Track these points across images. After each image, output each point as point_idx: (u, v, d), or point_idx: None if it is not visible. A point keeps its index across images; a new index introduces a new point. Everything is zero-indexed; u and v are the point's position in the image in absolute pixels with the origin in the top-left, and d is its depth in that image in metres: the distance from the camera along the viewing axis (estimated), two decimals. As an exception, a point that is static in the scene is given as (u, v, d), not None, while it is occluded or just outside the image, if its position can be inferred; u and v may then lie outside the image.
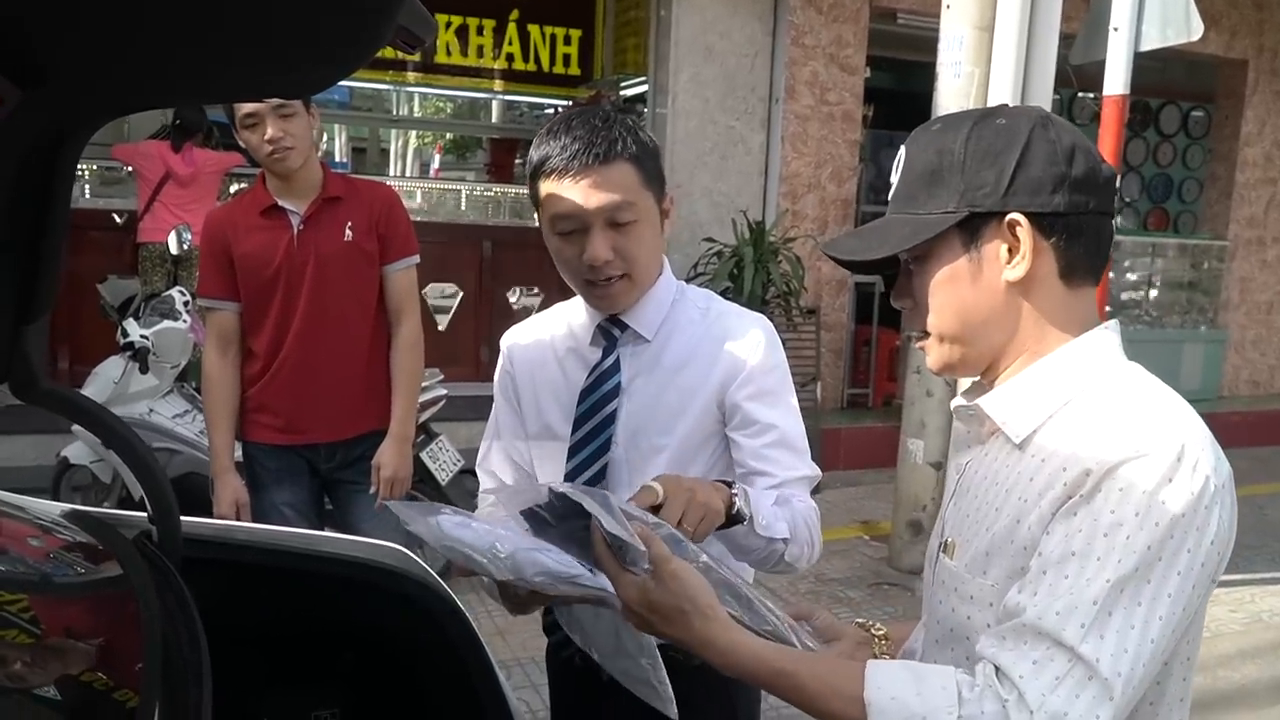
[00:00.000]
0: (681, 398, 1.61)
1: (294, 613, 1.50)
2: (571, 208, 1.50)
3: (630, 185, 1.50)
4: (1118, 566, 0.96)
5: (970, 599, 1.10)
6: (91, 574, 1.26)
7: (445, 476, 4.11)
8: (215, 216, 2.85)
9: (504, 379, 1.78)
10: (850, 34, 7.41)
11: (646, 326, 1.63)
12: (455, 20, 7.59)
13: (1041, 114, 1.12)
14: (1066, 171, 1.07)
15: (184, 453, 4.28)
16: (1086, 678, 0.95)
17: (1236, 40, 8.74)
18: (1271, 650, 4.25)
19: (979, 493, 1.15)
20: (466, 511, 1.33)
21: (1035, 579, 1.00)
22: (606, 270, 1.53)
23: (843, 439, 6.84)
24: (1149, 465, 0.97)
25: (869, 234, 1.20)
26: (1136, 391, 1.08)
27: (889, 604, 4.56)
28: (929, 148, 1.13)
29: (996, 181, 1.08)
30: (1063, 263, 1.10)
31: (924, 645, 1.23)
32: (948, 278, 1.13)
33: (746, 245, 6.54)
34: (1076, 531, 0.98)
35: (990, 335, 1.13)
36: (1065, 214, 1.08)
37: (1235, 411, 8.75)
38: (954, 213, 1.10)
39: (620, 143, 1.49)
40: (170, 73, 0.93)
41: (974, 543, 1.11)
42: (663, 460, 1.61)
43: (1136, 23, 4.04)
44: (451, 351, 6.52)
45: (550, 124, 1.55)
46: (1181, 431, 1.01)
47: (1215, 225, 9.28)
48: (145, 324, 4.30)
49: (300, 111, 2.67)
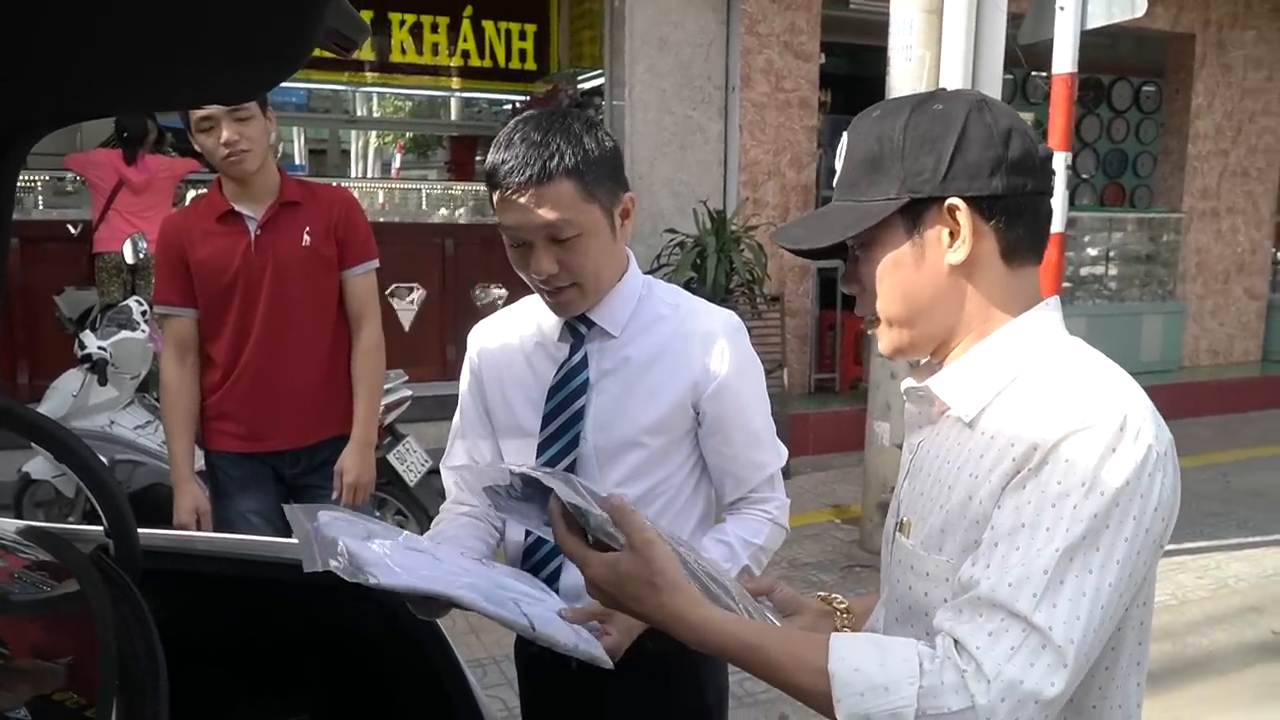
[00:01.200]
0: (652, 394, 1.63)
1: (260, 621, 1.50)
2: (514, 222, 1.51)
3: (569, 201, 1.49)
4: (1066, 535, 0.98)
5: (926, 575, 1.12)
6: (50, 591, 1.25)
7: (413, 477, 4.09)
8: (170, 222, 2.82)
9: (470, 375, 1.78)
10: (803, 21, 7.44)
11: (613, 323, 1.64)
12: (409, 18, 7.55)
13: (977, 97, 1.13)
14: (1003, 154, 1.09)
15: (147, 464, 4.24)
16: (1040, 646, 0.97)
17: (1183, 14, 8.86)
18: (1239, 615, 4.33)
19: (931, 471, 1.16)
20: (364, 516, 1.32)
21: (987, 551, 1.02)
22: (553, 282, 1.55)
23: (811, 424, 6.88)
24: (1093, 436, 1.00)
25: (815, 221, 1.21)
26: (1079, 366, 1.10)
27: (861, 585, 4.60)
28: (869, 135, 1.14)
29: (935, 167, 1.09)
30: (1003, 244, 1.12)
31: (885, 623, 1.24)
32: (892, 263, 1.14)
33: (709, 235, 6.55)
34: (1025, 503, 1.01)
35: (936, 317, 1.15)
36: (1004, 196, 1.10)
37: (1196, 381, 8.89)
38: (895, 199, 1.11)
39: (556, 158, 1.48)
40: (108, 82, 0.93)
41: (928, 520, 1.13)
42: (635, 455, 1.63)
43: (1082, 1, 4.09)
44: (417, 351, 6.49)
45: (503, 131, 1.55)
46: (1123, 402, 1.03)
47: (1170, 198, 9.41)
48: (103, 335, 4.26)
49: (256, 114, 2.64)
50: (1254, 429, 8.06)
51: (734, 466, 1.70)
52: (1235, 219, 9.52)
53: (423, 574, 1.19)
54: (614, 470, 1.64)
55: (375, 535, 1.24)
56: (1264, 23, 9.26)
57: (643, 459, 1.63)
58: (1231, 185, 9.43)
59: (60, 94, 0.96)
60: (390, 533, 1.29)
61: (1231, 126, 9.32)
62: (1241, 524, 5.56)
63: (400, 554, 1.20)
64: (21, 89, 0.91)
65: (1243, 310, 9.75)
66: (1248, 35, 9.20)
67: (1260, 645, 4.07)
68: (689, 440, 1.68)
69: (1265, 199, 9.65)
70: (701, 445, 1.69)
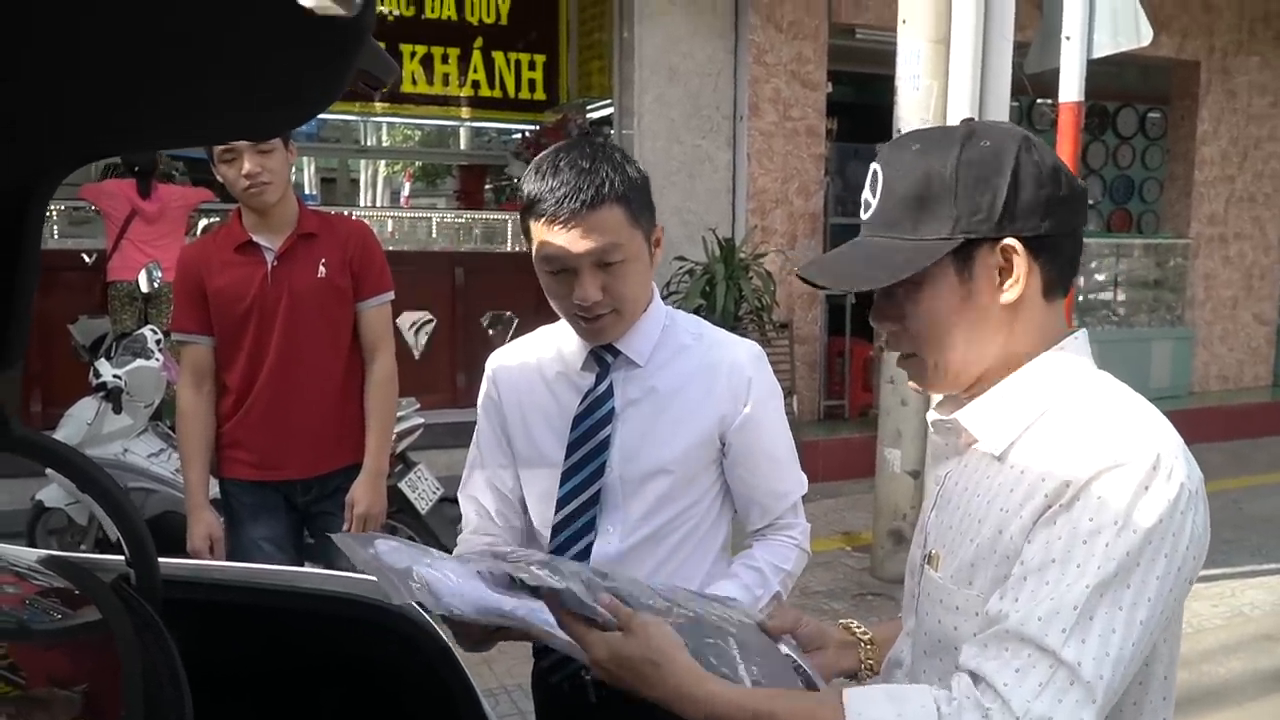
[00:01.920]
0: (678, 424, 1.64)
1: (277, 650, 1.50)
2: (560, 251, 1.51)
3: (618, 227, 1.51)
4: (1098, 572, 0.98)
5: (956, 610, 1.11)
6: (71, 620, 1.26)
7: (425, 505, 4.10)
8: (190, 251, 2.85)
9: (489, 403, 1.77)
10: (810, 50, 7.49)
11: (639, 353, 1.65)
12: (420, 50, 7.63)
13: (1023, 135, 1.12)
14: (1055, 193, 1.09)
15: (160, 491, 4.25)
16: (1069, 682, 0.96)
17: (1188, 42, 8.90)
18: (1254, 644, 4.29)
19: (960, 504, 1.16)
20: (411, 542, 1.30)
21: (1016, 585, 1.02)
22: (595, 310, 1.55)
23: (821, 451, 6.87)
24: (1126, 474, 0.99)
25: (855, 260, 1.18)
26: (1110, 402, 1.10)
27: (873, 614, 4.58)
28: (913, 171, 1.12)
29: (991, 207, 1.08)
30: (1046, 281, 1.13)
31: (913, 656, 1.23)
32: (941, 303, 1.13)
33: (717, 262, 6.58)
34: (1056, 539, 1.00)
35: (981, 356, 1.14)
36: (1052, 235, 1.10)
37: (1207, 407, 8.86)
38: (950, 239, 1.10)
39: (607, 184, 1.50)
40: (135, 119, 0.95)
41: (958, 554, 1.12)
42: (660, 485, 1.64)
43: (1088, 31, 4.12)
44: (427, 379, 6.52)
45: (540, 161, 1.56)
46: (1156, 441, 1.03)
47: (1177, 224, 9.41)
48: (118, 363, 4.28)
49: (278, 147, 2.67)
50: (1265, 454, 8.01)
51: (760, 495, 1.72)
52: (1243, 244, 9.51)
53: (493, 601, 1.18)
54: (638, 500, 1.64)
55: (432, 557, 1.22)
56: (1268, 49, 9.29)
57: (667, 488, 1.64)
58: (1239, 211, 9.43)
59: (89, 133, 0.98)
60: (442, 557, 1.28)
61: (1237, 152, 9.34)
62: (1255, 551, 5.52)
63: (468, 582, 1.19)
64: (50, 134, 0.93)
65: (1252, 335, 9.72)
66: (1252, 62, 9.23)
67: (1276, 673, 4.03)
68: (713, 469, 1.69)
69: (1273, 224, 9.65)
70: (727, 474, 1.70)
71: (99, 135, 0.99)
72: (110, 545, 4.04)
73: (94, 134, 0.98)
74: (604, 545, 1.64)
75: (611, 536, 1.65)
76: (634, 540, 1.65)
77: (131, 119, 0.93)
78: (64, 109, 0.88)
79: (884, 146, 1.19)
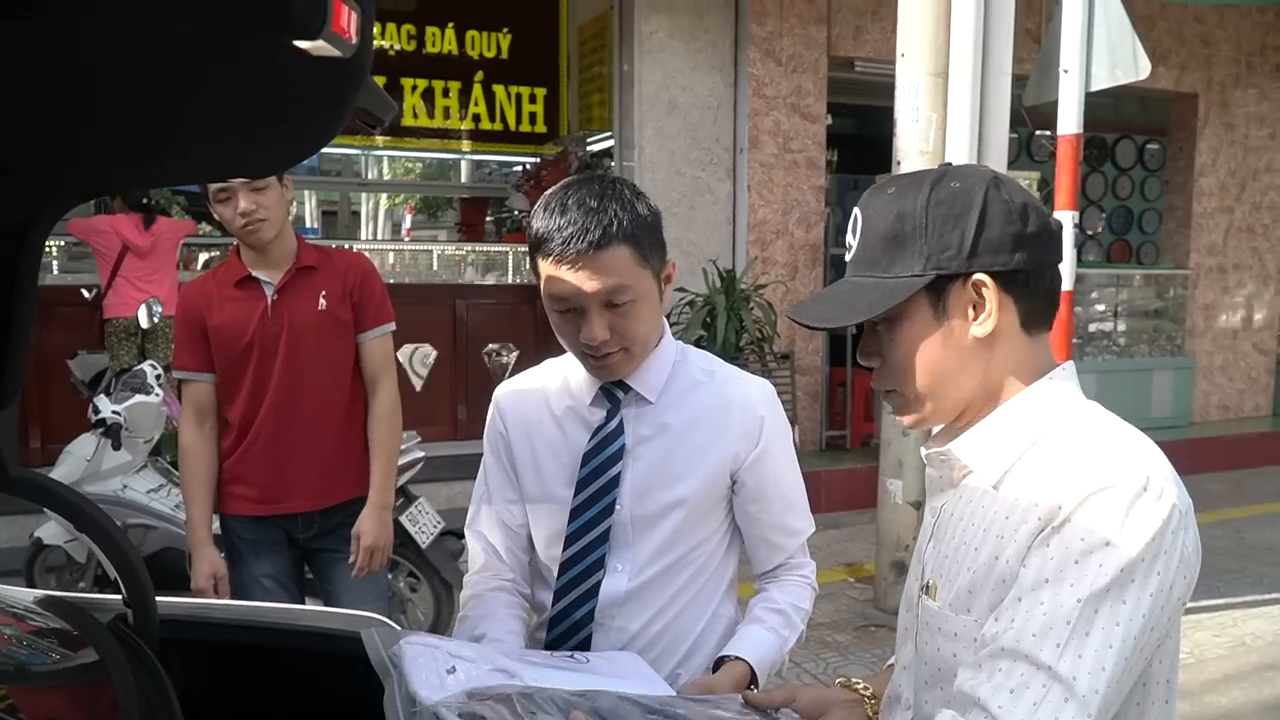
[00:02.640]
0: (690, 460, 1.63)
1: (276, 689, 1.49)
2: (568, 291, 1.49)
3: (626, 268, 1.49)
4: (1091, 588, 0.99)
5: (955, 636, 1.13)
6: (68, 661, 1.25)
7: (426, 539, 4.07)
8: (190, 289, 2.85)
9: (496, 438, 1.75)
10: (810, 83, 7.54)
11: (650, 389, 1.64)
12: (421, 83, 7.68)
13: (991, 175, 1.16)
14: (1022, 230, 1.12)
15: (159, 528, 4.23)
16: (1063, 699, 0.97)
17: (1186, 75, 8.96)
18: (1256, 673, 4.26)
19: (956, 534, 1.17)
20: (435, 637, 1.26)
21: (1010, 606, 1.04)
22: (603, 349, 1.54)
23: (823, 481, 6.85)
24: (1117, 495, 1.02)
25: (835, 299, 1.22)
26: (1099, 429, 1.12)
27: (876, 646, 4.55)
28: (887, 212, 1.16)
29: (960, 244, 1.12)
30: (1023, 314, 1.16)
31: (914, 688, 1.23)
32: (917, 337, 1.16)
33: (718, 294, 6.59)
34: (1049, 559, 1.02)
35: (960, 388, 1.18)
36: (1024, 270, 1.13)
37: (1208, 437, 8.84)
38: (921, 276, 1.14)
39: (615, 224, 1.47)
40: (134, 157, 0.95)
41: (955, 582, 1.14)
42: (672, 521, 1.63)
43: (1086, 64, 4.15)
44: (429, 412, 6.51)
45: (548, 198, 1.53)
46: (1145, 464, 1.05)
47: (1176, 255, 9.44)
48: (117, 399, 4.27)
49: (273, 184, 2.67)
50: (1267, 484, 7.99)
51: (772, 534, 1.72)
52: (1242, 275, 9.54)
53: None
54: (649, 538, 1.63)
55: (459, 661, 1.18)
56: (1266, 81, 9.36)
57: (678, 525, 1.63)
58: (1238, 242, 9.46)
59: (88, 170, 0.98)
60: (474, 654, 1.23)
61: (1236, 184, 9.38)
62: (1257, 580, 5.49)
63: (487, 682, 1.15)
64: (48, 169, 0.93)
65: (1252, 365, 9.72)
66: (1250, 94, 9.30)
67: (1278, 703, 4.00)
68: (723, 506, 1.68)
69: (1271, 255, 9.68)
70: (737, 512, 1.70)
71: (98, 172, 0.99)
72: (109, 583, 4.01)
73: (93, 171, 0.98)
74: (613, 583, 1.63)
75: (621, 575, 1.63)
76: (643, 578, 1.64)
77: (130, 157, 0.93)
78: (63, 145, 0.88)
79: (865, 192, 1.23)
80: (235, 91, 0.74)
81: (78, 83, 0.73)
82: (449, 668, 1.14)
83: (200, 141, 0.89)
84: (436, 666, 1.14)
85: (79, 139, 0.86)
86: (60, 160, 0.92)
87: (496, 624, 1.62)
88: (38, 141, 0.86)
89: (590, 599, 1.63)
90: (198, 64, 0.69)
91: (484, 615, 1.65)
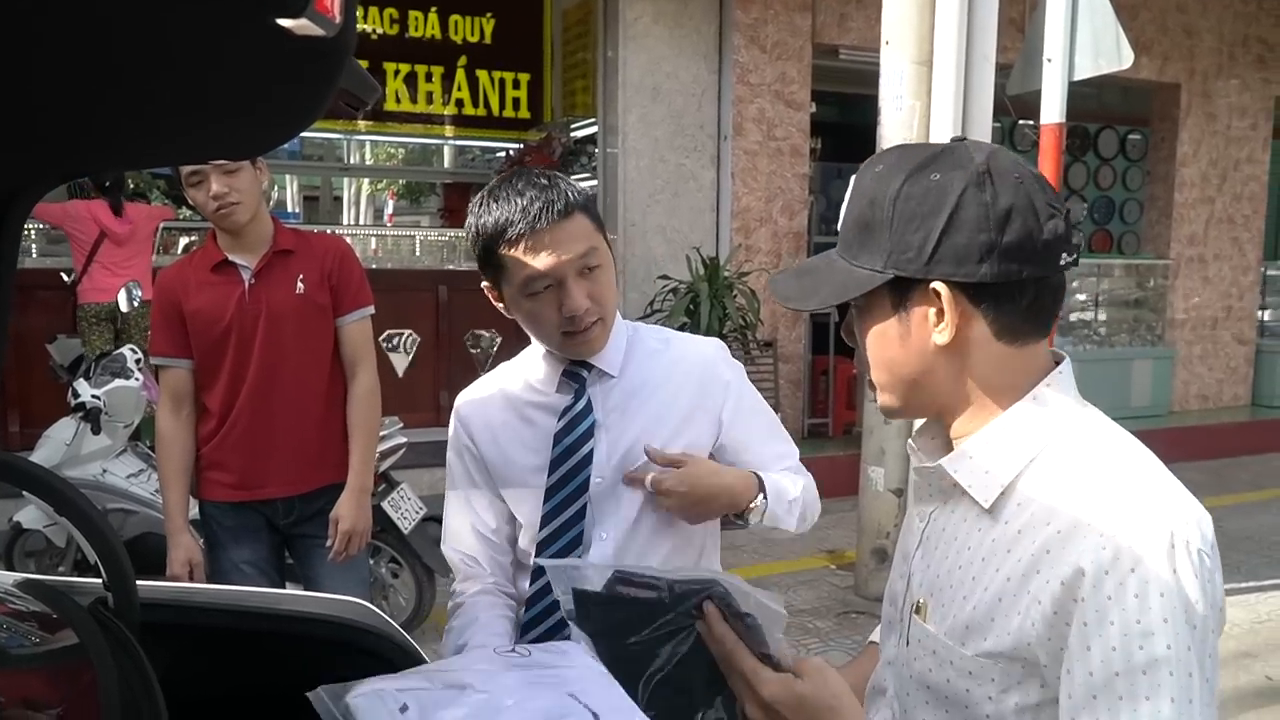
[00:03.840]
0: (659, 422, 1.66)
1: (256, 673, 1.48)
2: (546, 265, 1.52)
3: (589, 233, 1.56)
4: (1172, 680, 0.95)
5: (950, 665, 1.08)
6: (47, 644, 1.24)
7: (408, 525, 4.07)
8: (167, 275, 2.83)
9: (461, 449, 1.74)
10: (794, 71, 7.54)
11: (611, 364, 1.67)
12: (404, 68, 7.64)
13: (978, 171, 1.05)
14: (995, 240, 1.02)
15: (139, 513, 4.21)
16: None
17: (1169, 65, 9.00)
18: (1233, 661, 4.30)
19: (950, 554, 1.12)
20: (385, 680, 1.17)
21: (1088, 706, 0.98)
22: (586, 319, 1.56)
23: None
24: (1153, 565, 0.96)
25: (806, 278, 1.18)
26: (1105, 457, 1.06)
27: (857, 632, 4.57)
28: (865, 194, 1.10)
29: (920, 247, 1.04)
30: (996, 326, 1.07)
31: (898, 693, 1.20)
32: (878, 333, 1.12)
33: (701, 281, 6.60)
34: (1111, 650, 0.96)
35: (926, 391, 1.13)
36: (991, 284, 1.04)
37: (1187, 426, 8.92)
38: (880, 273, 1.08)
39: (571, 195, 1.55)
40: (113, 139, 0.94)
41: (952, 611, 1.09)
42: (643, 492, 1.64)
43: (1069, 53, 4.16)
44: (410, 398, 6.49)
45: (491, 190, 1.59)
46: (1166, 510, 1.00)
47: (1157, 245, 9.49)
48: (96, 384, 4.24)
49: (246, 167, 2.65)
50: (1245, 473, 8.07)
51: (762, 461, 1.75)
52: (1222, 265, 9.60)
53: None
54: (629, 500, 1.65)
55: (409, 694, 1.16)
56: (1248, 72, 9.41)
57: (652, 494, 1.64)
58: (1218, 232, 9.52)
59: (64, 153, 0.97)
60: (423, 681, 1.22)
61: (1217, 174, 9.44)
62: (1235, 569, 5.54)
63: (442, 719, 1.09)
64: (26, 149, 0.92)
65: (1231, 355, 9.80)
66: (1232, 84, 9.34)
67: (1255, 691, 4.05)
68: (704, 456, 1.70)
69: (1251, 245, 9.74)
70: (726, 458, 1.72)
71: (76, 154, 0.98)
72: (89, 567, 3.99)
73: (71, 152, 0.97)
74: (600, 550, 1.65)
75: (606, 543, 1.65)
76: (628, 542, 1.65)
77: (109, 138, 0.92)
78: (41, 126, 0.87)
79: (866, 161, 1.16)
80: (217, 72, 0.73)
81: (56, 62, 0.72)
82: (400, 706, 1.13)
83: (182, 123, 0.88)
84: (389, 710, 1.12)
85: (57, 119, 0.85)
86: (38, 140, 0.91)
87: (479, 630, 1.62)
88: (14, 121, 0.85)
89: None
90: (178, 43, 0.68)
91: (467, 624, 1.65)
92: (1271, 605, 5.01)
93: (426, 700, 1.12)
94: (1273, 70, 9.50)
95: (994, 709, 1.06)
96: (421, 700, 1.12)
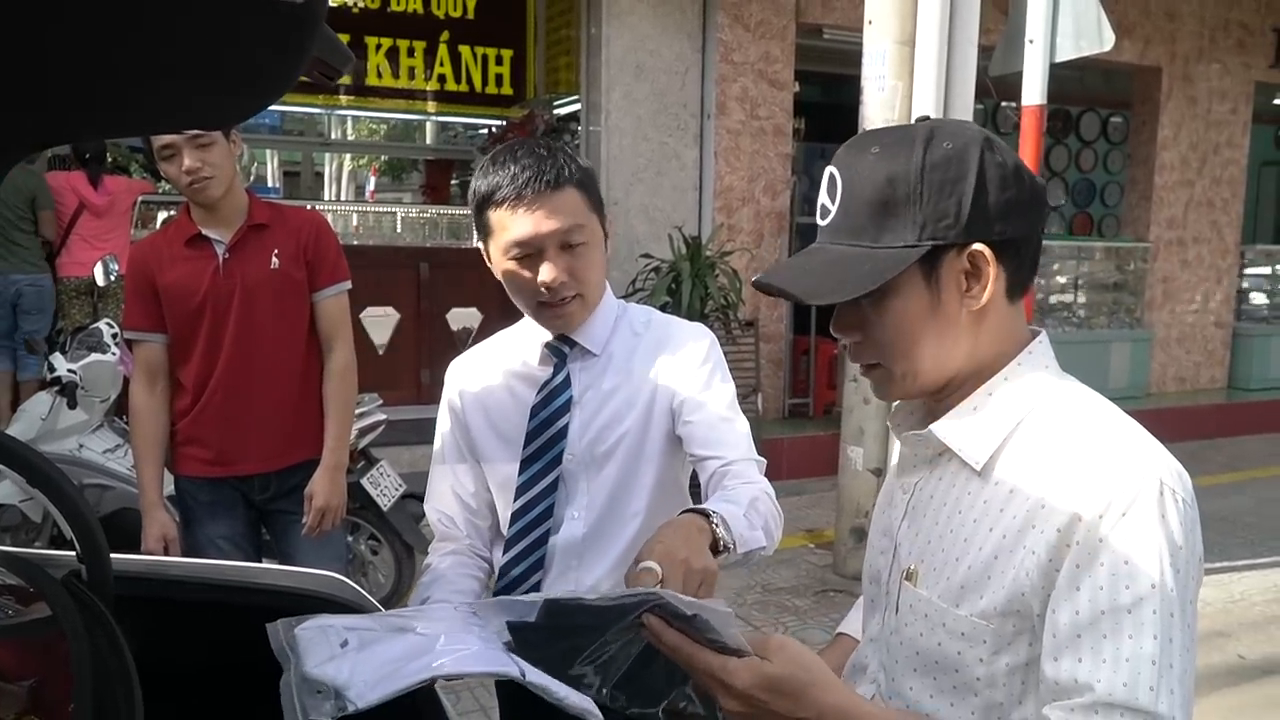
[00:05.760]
0: (630, 403, 1.67)
1: (230, 646, 1.48)
2: (526, 233, 1.55)
3: (579, 209, 1.58)
4: (1155, 619, 0.97)
5: (962, 636, 1.08)
6: (20, 616, 1.24)
7: (387, 502, 4.07)
8: (140, 248, 2.81)
9: (451, 412, 1.79)
10: (778, 50, 7.51)
11: (594, 342, 1.69)
12: (385, 42, 7.57)
13: (984, 136, 1.09)
14: (1017, 196, 1.07)
15: (116, 488, 4.19)
16: None
17: (1150, 48, 9.02)
18: (1206, 640, 4.35)
19: (939, 519, 1.13)
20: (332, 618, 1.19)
21: (1072, 644, 0.99)
22: (561, 291, 1.59)
23: (785, 449, 6.90)
24: (1143, 511, 0.99)
25: (823, 271, 1.12)
26: (1092, 416, 1.09)
27: (835, 611, 4.61)
28: (875, 175, 1.08)
29: (957, 213, 1.06)
30: (1009, 283, 1.11)
31: (885, 665, 1.20)
32: (907, 310, 1.10)
33: (683, 260, 6.59)
34: (1098, 589, 0.99)
35: (949, 362, 1.13)
36: (1016, 238, 1.09)
37: (1164, 408, 8.99)
38: (917, 246, 1.07)
39: (566, 169, 1.57)
40: (84, 107, 0.93)
41: (945, 573, 1.10)
42: (618, 459, 1.66)
43: (1051, 35, 4.17)
44: (391, 375, 6.47)
45: (494, 155, 1.61)
46: (1151, 463, 1.03)
47: (1137, 228, 9.54)
48: (73, 358, 4.21)
49: (219, 140, 2.62)
50: (1221, 455, 8.15)
51: (711, 450, 1.62)
52: (1201, 248, 9.66)
53: (405, 670, 1.07)
54: (599, 480, 1.67)
55: (353, 633, 1.17)
56: (1228, 57, 9.44)
57: (624, 462, 1.67)
58: (1197, 215, 9.58)
59: (34, 121, 0.96)
60: (371, 622, 1.22)
61: (1197, 158, 9.48)
62: (1209, 549, 5.46)
63: (378, 652, 1.10)
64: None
65: (1209, 338, 9.88)
66: (1213, 69, 9.38)
67: (1227, 669, 4.10)
68: (668, 445, 1.69)
69: (1230, 229, 9.80)
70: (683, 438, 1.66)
71: (46, 123, 0.97)
72: (65, 542, 3.97)
73: (41, 122, 0.96)
74: (570, 530, 1.67)
75: (576, 522, 1.68)
76: (598, 524, 1.67)
77: (80, 107, 0.91)
78: (11, 93, 0.86)
79: (840, 150, 1.14)
80: (189, 37, 0.72)
81: (26, 28, 0.72)
82: (342, 641, 1.13)
83: (154, 90, 0.87)
84: (330, 643, 1.13)
85: (27, 86, 0.84)
86: (8, 108, 0.90)
87: (442, 586, 1.65)
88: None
89: (539, 548, 1.67)
90: (150, 8, 0.67)
91: (432, 580, 1.68)
92: (1245, 585, 5.08)
93: (369, 637, 1.14)
94: (1253, 55, 9.54)
95: (985, 671, 1.07)
96: (364, 637, 1.14)
